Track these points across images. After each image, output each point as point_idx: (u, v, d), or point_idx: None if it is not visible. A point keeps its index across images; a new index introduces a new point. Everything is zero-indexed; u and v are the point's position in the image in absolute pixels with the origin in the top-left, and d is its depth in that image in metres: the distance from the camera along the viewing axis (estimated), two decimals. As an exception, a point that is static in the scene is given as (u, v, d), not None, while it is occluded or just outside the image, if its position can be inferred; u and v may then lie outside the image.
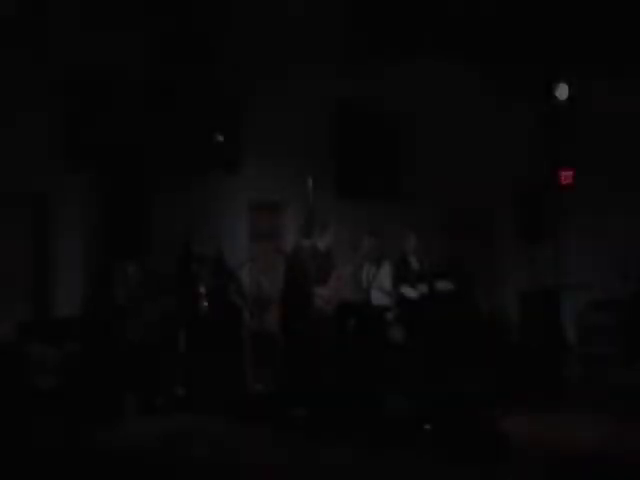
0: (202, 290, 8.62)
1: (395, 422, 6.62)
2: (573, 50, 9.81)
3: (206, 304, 8.70)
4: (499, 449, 5.99)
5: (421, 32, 10.07)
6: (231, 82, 9.55)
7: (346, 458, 4.17)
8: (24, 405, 6.69)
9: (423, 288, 9.26)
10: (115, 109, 8.72)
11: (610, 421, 7.58)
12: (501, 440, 6.12)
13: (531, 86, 9.53)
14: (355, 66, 10.55)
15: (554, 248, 9.01)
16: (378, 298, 9.27)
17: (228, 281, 8.39)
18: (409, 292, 9.47)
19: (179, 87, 6.88)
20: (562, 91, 8.91)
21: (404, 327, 9.38)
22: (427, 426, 6.54)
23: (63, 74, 8.58)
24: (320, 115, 10.89)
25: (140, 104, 8.76)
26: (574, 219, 10.68)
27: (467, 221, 12.77)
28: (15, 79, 8.24)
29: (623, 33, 10.03)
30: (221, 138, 9.06)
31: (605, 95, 10.16)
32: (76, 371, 6.90)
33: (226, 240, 9.49)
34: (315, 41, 10.24)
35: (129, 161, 7.03)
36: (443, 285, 9.17)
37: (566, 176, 10.80)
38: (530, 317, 10.77)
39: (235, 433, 4.93)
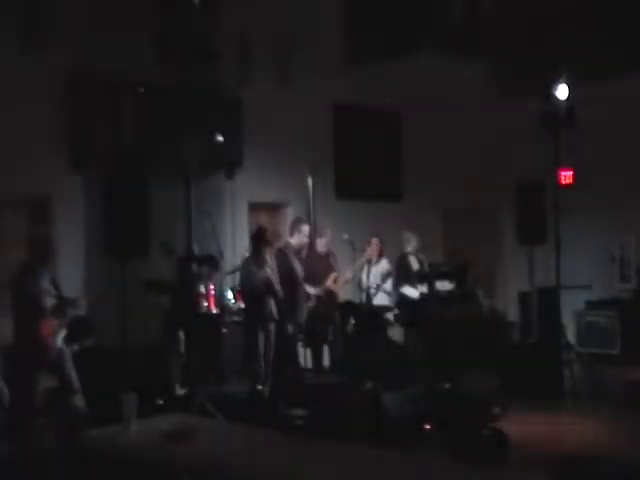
0: (202, 290, 8.65)
1: (395, 422, 6.61)
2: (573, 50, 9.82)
3: (205, 304, 8.73)
4: (499, 449, 6.00)
5: (421, 32, 10.05)
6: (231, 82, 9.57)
7: (345, 458, 4.17)
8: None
9: (423, 288, 9.28)
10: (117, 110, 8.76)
11: (610, 421, 7.59)
12: (501, 440, 6.12)
13: (531, 86, 9.52)
14: (354, 66, 10.55)
15: (554, 248, 8.99)
16: (378, 298, 9.29)
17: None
18: (409, 292, 9.48)
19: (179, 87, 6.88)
20: (562, 91, 8.89)
21: (404, 327, 9.40)
22: (427, 426, 6.55)
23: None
24: (320, 116, 10.92)
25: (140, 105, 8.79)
26: (574, 219, 10.68)
27: (467, 221, 12.78)
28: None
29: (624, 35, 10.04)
30: (221, 138, 9.06)
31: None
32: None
33: (226, 240, 9.52)
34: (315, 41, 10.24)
35: (129, 161, 7.03)
36: (443, 285, 9.19)
37: (566, 176, 10.81)
38: (530, 317, 10.78)
39: (235, 433, 4.93)
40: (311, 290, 8.70)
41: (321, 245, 9.04)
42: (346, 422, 6.42)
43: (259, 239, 8.30)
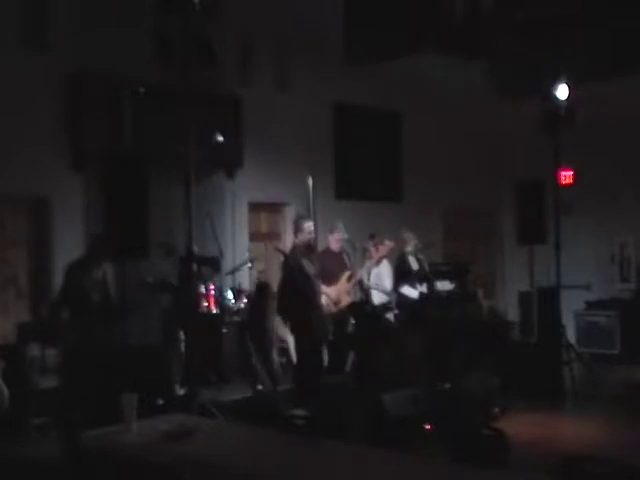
0: (202, 290, 8.63)
1: (395, 422, 6.61)
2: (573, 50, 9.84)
3: (205, 304, 8.72)
4: (499, 449, 5.99)
5: (421, 32, 10.06)
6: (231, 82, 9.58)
7: (345, 458, 4.17)
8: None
9: (423, 288, 9.27)
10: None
11: (610, 421, 7.58)
12: (501, 440, 6.11)
13: (531, 86, 9.53)
14: (354, 66, 10.55)
15: (554, 248, 8.99)
16: (377, 298, 9.27)
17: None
18: (409, 292, 9.47)
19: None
20: (562, 91, 8.89)
21: (404, 327, 9.39)
22: (427, 426, 6.55)
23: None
24: (320, 116, 10.92)
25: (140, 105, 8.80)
26: (574, 219, 10.68)
27: (467, 221, 12.78)
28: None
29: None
30: (221, 138, 9.05)
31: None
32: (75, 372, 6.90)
33: (226, 240, 9.51)
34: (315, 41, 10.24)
35: (129, 161, 7.03)
36: (443, 285, 9.18)
37: (566, 176, 10.81)
38: (530, 317, 10.78)
39: (235, 433, 4.92)
40: (325, 290, 8.54)
41: (334, 242, 8.90)
42: (346, 422, 6.42)
43: (260, 295, 8.44)
